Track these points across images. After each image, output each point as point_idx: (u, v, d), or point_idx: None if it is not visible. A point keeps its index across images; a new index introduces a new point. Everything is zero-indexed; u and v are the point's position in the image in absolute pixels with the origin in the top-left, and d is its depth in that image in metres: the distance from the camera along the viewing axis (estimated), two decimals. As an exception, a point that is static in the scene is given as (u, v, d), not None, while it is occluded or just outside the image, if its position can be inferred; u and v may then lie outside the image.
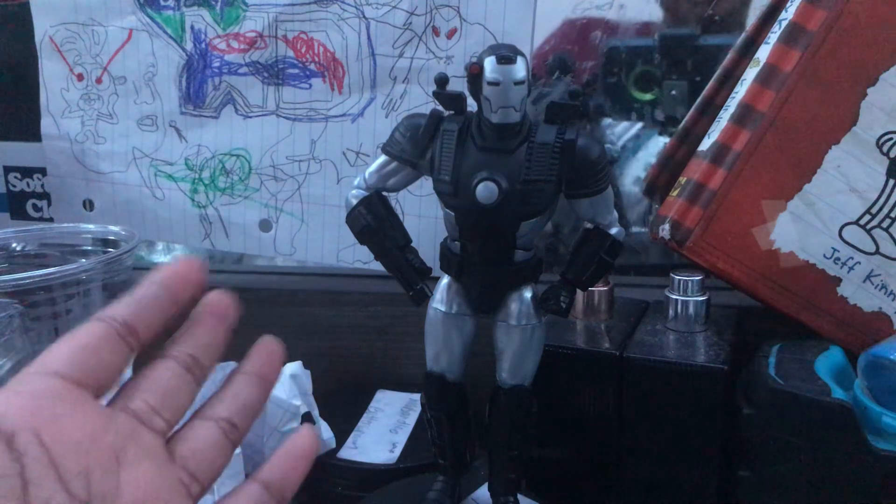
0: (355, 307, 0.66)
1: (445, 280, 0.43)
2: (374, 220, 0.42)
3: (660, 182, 0.58)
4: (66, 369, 0.27)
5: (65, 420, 0.26)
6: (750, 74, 0.48)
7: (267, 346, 0.35)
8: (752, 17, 0.55)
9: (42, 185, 0.75)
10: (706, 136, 0.50)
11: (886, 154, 0.46)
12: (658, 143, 0.72)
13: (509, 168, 0.38)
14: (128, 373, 0.30)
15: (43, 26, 0.71)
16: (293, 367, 0.53)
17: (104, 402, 0.28)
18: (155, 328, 0.30)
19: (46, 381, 0.26)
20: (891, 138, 0.46)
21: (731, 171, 0.47)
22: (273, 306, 0.68)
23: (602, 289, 0.53)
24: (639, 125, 0.73)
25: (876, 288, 0.47)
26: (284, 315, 0.67)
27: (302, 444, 0.32)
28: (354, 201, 0.43)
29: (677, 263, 0.54)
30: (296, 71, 0.64)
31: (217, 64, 0.66)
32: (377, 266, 0.43)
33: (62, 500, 0.24)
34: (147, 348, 0.30)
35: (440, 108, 0.41)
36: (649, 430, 0.47)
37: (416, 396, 0.60)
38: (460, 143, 0.39)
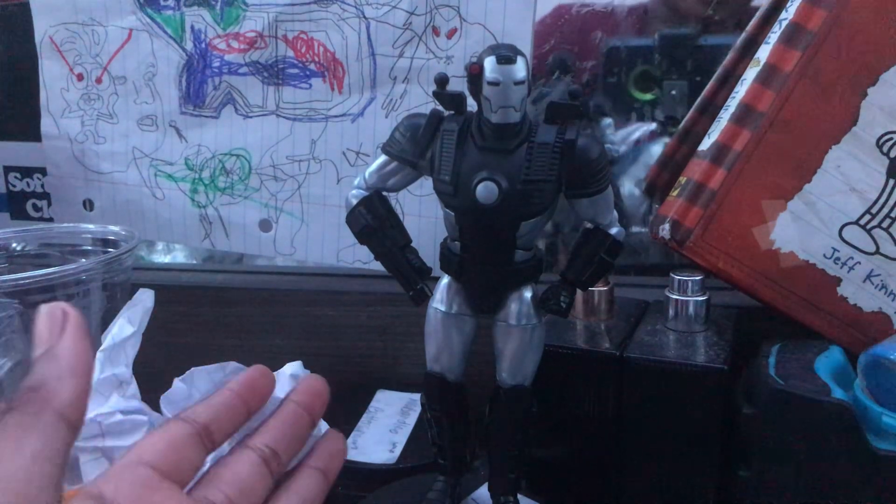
0: (355, 307, 0.66)
1: (445, 280, 0.43)
2: (374, 219, 0.42)
3: (660, 182, 0.58)
4: (158, 463, 0.29)
5: None
6: (750, 74, 0.48)
7: (332, 443, 0.37)
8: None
9: (42, 185, 0.75)
10: (706, 136, 0.50)
11: (886, 154, 0.46)
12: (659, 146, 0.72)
13: (509, 168, 0.38)
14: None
15: (43, 26, 0.71)
16: (293, 367, 0.53)
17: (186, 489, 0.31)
18: (228, 432, 0.33)
19: (144, 471, 0.29)
20: (891, 138, 0.46)
21: (731, 171, 0.47)
22: (273, 306, 0.68)
23: (602, 289, 0.53)
24: (645, 130, 0.73)
25: (876, 288, 0.47)
26: (284, 315, 0.67)
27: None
28: (354, 201, 0.43)
29: (677, 263, 0.54)
30: (296, 71, 0.64)
31: (217, 64, 0.66)
32: (377, 266, 0.43)
33: None
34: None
35: (440, 108, 0.41)
36: (649, 430, 0.47)
37: (416, 396, 0.60)
38: (460, 143, 0.39)
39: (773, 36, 0.48)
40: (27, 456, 0.24)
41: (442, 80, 0.39)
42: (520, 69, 0.37)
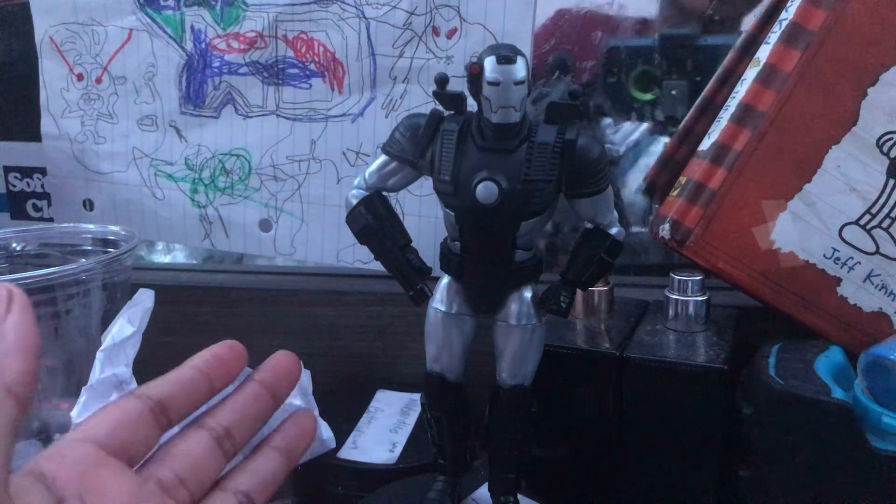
0: (355, 307, 0.66)
1: (445, 280, 0.43)
2: (374, 219, 0.42)
3: (660, 182, 0.58)
4: (105, 440, 0.29)
5: (105, 487, 0.28)
6: (750, 74, 0.48)
7: (301, 420, 0.36)
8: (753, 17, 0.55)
9: (42, 185, 0.75)
10: (706, 136, 0.50)
11: (887, 154, 0.46)
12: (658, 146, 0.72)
13: (509, 168, 0.38)
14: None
15: (43, 26, 0.71)
16: (293, 366, 0.53)
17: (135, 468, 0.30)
18: (188, 410, 0.32)
19: (89, 448, 0.29)
20: (891, 138, 0.46)
21: (731, 171, 0.47)
22: (273, 306, 0.68)
23: (602, 289, 0.53)
24: (643, 127, 0.73)
25: (876, 288, 0.47)
26: (284, 315, 0.67)
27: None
28: (354, 201, 0.43)
29: (677, 263, 0.54)
30: (296, 71, 0.64)
31: (217, 64, 0.66)
32: (377, 266, 0.43)
33: None
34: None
35: (440, 107, 0.41)
36: (649, 430, 0.47)
37: (416, 396, 0.60)
38: (460, 142, 0.39)
39: (774, 36, 0.48)
40: None
41: (442, 80, 0.39)
42: (520, 69, 0.37)
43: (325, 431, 0.52)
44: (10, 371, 0.26)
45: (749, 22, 0.58)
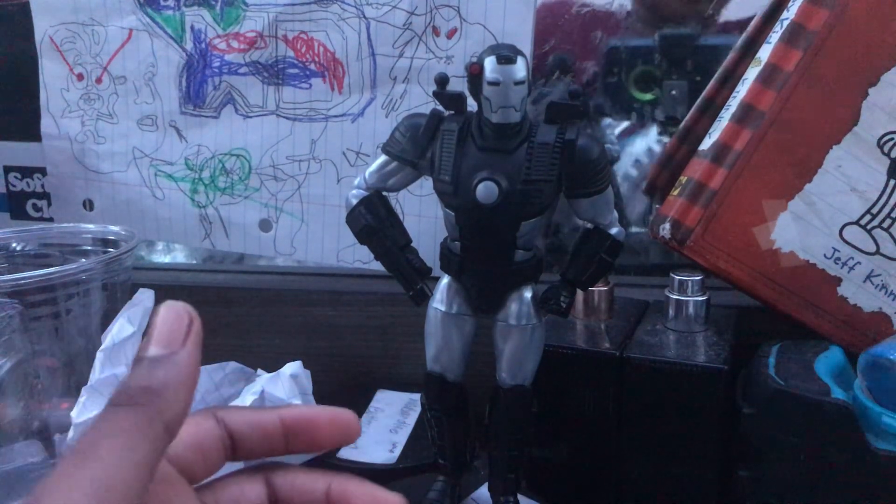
0: (355, 307, 0.66)
1: (445, 280, 0.43)
2: (374, 219, 0.42)
3: (660, 181, 0.58)
4: (177, 456, 0.28)
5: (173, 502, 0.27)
6: (751, 74, 0.48)
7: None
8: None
9: (42, 185, 0.75)
10: (707, 136, 0.50)
11: (887, 154, 0.46)
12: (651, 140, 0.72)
13: (509, 168, 0.38)
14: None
15: (43, 26, 0.71)
16: (293, 367, 0.53)
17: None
18: (254, 455, 0.30)
19: (162, 463, 0.27)
20: (891, 138, 0.46)
21: (731, 171, 0.47)
22: (273, 306, 0.68)
23: (602, 289, 0.52)
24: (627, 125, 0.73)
25: (876, 288, 0.47)
26: (284, 315, 0.67)
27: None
28: (354, 201, 0.43)
29: (677, 263, 0.54)
30: (296, 71, 0.64)
31: (217, 64, 0.66)
32: (377, 266, 0.43)
33: None
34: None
35: (440, 107, 0.41)
36: (649, 430, 0.47)
37: (416, 396, 0.60)
38: (460, 142, 0.39)
39: (775, 35, 0.48)
40: (135, 462, 0.22)
41: (442, 80, 0.39)
42: (520, 69, 0.37)
43: (325, 431, 0.52)
44: (175, 407, 0.24)
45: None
